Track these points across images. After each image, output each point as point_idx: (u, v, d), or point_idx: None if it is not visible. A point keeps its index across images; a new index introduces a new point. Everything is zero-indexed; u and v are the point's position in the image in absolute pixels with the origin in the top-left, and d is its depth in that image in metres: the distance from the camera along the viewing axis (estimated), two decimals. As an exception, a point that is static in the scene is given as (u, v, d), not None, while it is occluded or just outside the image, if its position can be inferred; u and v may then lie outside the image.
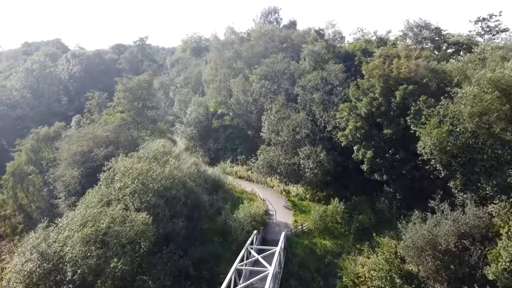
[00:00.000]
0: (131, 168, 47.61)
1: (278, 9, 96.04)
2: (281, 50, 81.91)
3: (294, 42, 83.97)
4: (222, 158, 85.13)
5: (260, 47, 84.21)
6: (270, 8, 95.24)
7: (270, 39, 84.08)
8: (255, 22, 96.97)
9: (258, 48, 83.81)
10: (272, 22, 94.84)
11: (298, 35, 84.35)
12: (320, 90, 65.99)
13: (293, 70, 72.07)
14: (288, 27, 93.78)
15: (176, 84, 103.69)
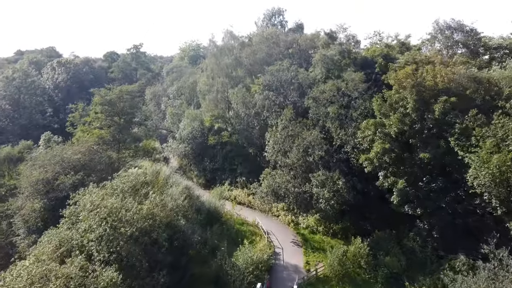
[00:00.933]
0: (99, 206, 36.74)
1: (283, 10, 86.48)
2: (287, 57, 71.59)
3: (302, 47, 73.71)
4: (220, 180, 74.30)
5: (263, 53, 74.03)
6: (274, 9, 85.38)
7: (275, 44, 73.94)
8: (257, 25, 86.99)
9: (260, 54, 73.65)
10: (276, 25, 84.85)
11: (305, 39, 74.11)
12: (335, 103, 55.41)
13: (302, 79, 61.61)
14: (294, 30, 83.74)
15: (168, 95, 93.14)
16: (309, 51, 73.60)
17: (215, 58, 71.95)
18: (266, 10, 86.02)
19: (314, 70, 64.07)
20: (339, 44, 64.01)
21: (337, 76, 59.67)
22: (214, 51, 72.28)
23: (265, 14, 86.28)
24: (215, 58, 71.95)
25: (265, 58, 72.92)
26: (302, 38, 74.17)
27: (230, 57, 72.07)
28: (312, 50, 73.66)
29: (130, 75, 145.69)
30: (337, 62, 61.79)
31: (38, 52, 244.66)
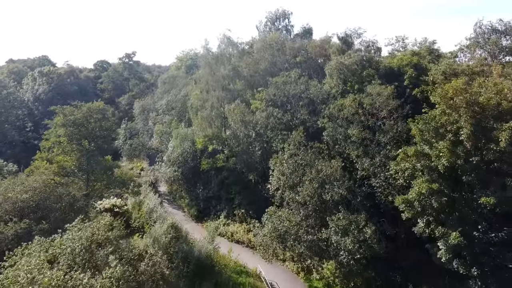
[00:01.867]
0: (33, 283, 25.43)
1: (288, 13, 75.69)
2: (294, 66, 60.66)
3: (311, 55, 62.82)
4: (214, 211, 62.90)
5: (266, 62, 63.20)
6: (278, 12, 74.74)
7: (279, 52, 63.15)
8: (259, 30, 76.41)
9: (263, 64, 62.83)
10: (281, 30, 74.20)
11: (315, 46, 63.22)
12: (357, 124, 44.23)
13: (313, 93, 50.57)
14: (302, 36, 73.00)
15: (157, 110, 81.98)
16: (319, 60, 62.69)
17: (209, 68, 61.11)
18: (269, 12, 75.53)
19: (328, 82, 53.01)
20: (356, 51, 53.04)
21: (358, 89, 48.59)
22: (209, 60, 61.48)
23: (267, 17, 75.64)
24: (209, 68, 61.11)
25: (268, 68, 62.07)
26: (311, 44, 63.29)
27: (227, 67, 61.22)
28: (322, 59, 62.72)
29: (121, 86, 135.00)
30: (357, 72, 50.77)
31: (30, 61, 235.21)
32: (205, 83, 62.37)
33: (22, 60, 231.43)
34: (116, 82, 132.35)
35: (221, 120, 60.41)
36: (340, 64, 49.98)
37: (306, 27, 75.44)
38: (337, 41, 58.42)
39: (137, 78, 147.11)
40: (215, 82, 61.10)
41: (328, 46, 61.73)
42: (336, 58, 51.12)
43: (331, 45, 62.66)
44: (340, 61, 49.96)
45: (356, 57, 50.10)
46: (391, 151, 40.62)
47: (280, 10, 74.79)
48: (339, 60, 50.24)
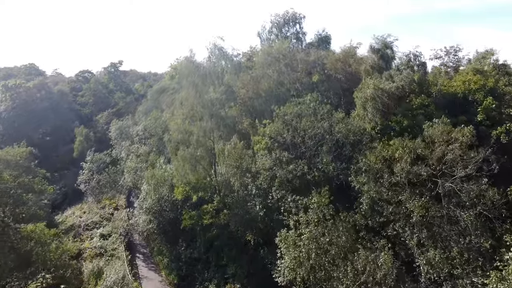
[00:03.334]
0: None
1: (300, 17, 59.03)
2: (308, 87, 44.73)
3: (330, 71, 46.82)
4: (200, 279, 46.48)
5: (270, 80, 47.27)
6: (287, 15, 58.03)
7: (288, 67, 47.18)
8: (262, 37, 59.84)
9: (266, 83, 46.88)
10: (290, 37, 57.91)
11: (336, 60, 47.18)
12: (417, 187, 28.04)
13: (342, 132, 34.39)
14: (317, 45, 56.76)
15: (132, 137, 65.57)
16: (340, 77, 46.63)
17: (195, 88, 45.10)
18: (275, 16, 59.11)
19: (359, 113, 36.92)
20: (398, 69, 37.02)
21: (408, 127, 32.52)
22: (194, 77, 45.54)
23: (273, 22, 58.95)
24: (195, 88, 45.10)
25: (273, 89, 46.11)
26: (331, 58, 47.15)
27: (218, 88, 45.16)
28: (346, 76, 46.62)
29: (105, 99, 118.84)
30: (403, 101, 34.69)
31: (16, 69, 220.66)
32: (189, 108, 46.35)
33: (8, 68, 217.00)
34: (98, 96, 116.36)
35: (209, 159, 44.39)
36: (378, 92, 33.86)
37: (322, 35, 59.04)
38: (369, 53, 42.49)
39: (124, 90, 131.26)
40: (202, 108, 45.06)
41: (354, 60, 45.66)
42: (373, 83, 34.88)
43: (360, 59, 46.64)
44: (379, 87, 33.82)
45: (404, 80, 34.06)
46: (480, 239, 24.42)
47: (290, 13, 58.42)
48: (378, 85, 34.11)
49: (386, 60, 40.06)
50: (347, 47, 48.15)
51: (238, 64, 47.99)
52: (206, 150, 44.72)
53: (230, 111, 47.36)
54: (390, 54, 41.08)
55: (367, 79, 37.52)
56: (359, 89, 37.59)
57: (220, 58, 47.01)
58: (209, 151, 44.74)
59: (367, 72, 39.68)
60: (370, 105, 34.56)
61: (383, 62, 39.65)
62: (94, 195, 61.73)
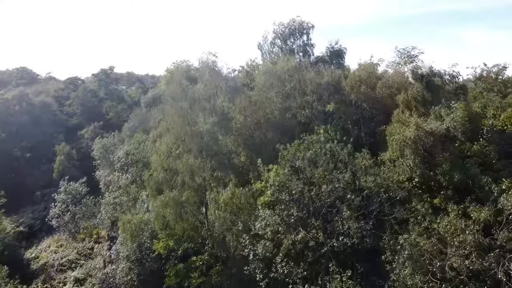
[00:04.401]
0: None
1: (308, 26, 49.81)
2: (321, 117, 36.11)
3: (348, 96, 38.17)
4: None
5: (273, 105, 38.61)
6: (293, 24, 48.65)
7: (295, 90, 38.43)
8: (263, 49, 50.71)
9: (269, 109, 38.20)
10: (296, 50, 48.99)
11: (355, 81, 38.44)
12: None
13: (370, 187, 25.81)
14: (329, 61, 47.82)
15: (114, 163, 56.55)
16: (360, 102, 37.92)
17: (181, 116, 36.34)
18: (279, 25, 49.92)
19: (391, 158, 28.30)
20: (448, 99, 28.40)
21: (460, 182, 23.93)
22: (181, 103, 36.66)
23: (277, 32, 49.54)
24: (181, 116, 36.34)
25: (277, 117, 37.46)
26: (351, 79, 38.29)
27: (210, 116, 36.50)
28: (365, 101, 37.90)
29: (94, 109, 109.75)
30: (449, 143, 26.09)
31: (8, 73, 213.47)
32: (174, 140, 37.79)
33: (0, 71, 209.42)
34: (87, 105, 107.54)
35: (198, 206, 35.77)
36: (423, 133, 25.26)
37: (334, 48, 50.17)
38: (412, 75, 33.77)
39: (115, 97, 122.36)
40: (190, 140, 36.53)
41: (382, 83, 36.88)
42: (416, 122, 26.15)
43: (388, 82, 37.75)
44: (424, 128, 25.20)
45: (456, 120, 25.44)
46: None
47: (297, 22, 49.29)
48: (423, 125, 25.46)
49: (433, 89, 31.34)
50: (367, 63, 39.42)
51: (233, 86, 39.17)
52: (195, 192, 36.07)
53: (224, 139, 38.60)
54: (438, 82, 32.35)
55: (406, 115, 28.87)
56: (393, 126, 28.96)
57: (212, 78, 38.25)
58: (198, 194, 36.13)
59: (407, 104, 30.91)
60: (411, 152, 25.91)
61: (429, 92, 30.88)
62: (68, 230, 53.16)
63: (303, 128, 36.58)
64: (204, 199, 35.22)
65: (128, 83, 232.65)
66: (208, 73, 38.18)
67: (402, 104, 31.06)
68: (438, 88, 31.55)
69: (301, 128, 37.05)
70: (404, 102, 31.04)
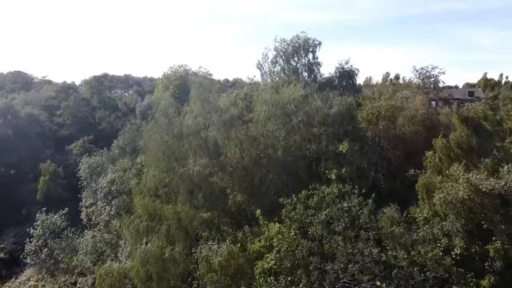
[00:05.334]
0: None
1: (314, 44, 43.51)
2: (332, 156, 30.39)
3: (363, 131, 32.46)
4: None
5: (276, 141, 32.87)
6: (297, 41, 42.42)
7: (302, 123, 32.63)
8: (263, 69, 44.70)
9: (270, 145, 32.46)
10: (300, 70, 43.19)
11: (372, 113, 32.70)
12: None
13: (402, 265, 20.18)
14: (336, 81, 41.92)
15: (97, 193, 50.62)
16: (379, 139, 32.23)
17: (167, 156, 30.45)
18: (281, 42, 44.03)
19: (428, 218, 22.69)
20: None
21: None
22: (158, 140, 30.78)
23: (278, 50, 43.35)
24: (167, 156, 30.45)
25: (281, 155, 31.75)
26: (365, 110, 32.57)
27: (201, 152, 30.72)
28: (385, 137, 32.23)
29: (86, 119, 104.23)
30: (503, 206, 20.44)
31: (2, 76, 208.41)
32: (160, 179, 32.15)
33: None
34: (78, 115, 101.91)
35: (186, 263, 30.14)
36: (475, 193, 19.67)
37: (344, 68, 44.12)
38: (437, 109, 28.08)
39: (109, 106, 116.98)
40: (179, 179, 30.93)
41: (405, 119, 31.17)
42: (467, 179, 20.51)
43: (416, 116, 32.04)
44: (479, 187, 19.65)
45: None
46: None
47: (302, 39, 43.39)
48: (477, 184, 19.89)
49: (480, 135, 25.48)
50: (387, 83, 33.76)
51: (230, 117, 33.43)
52: (183, 244, 30.48)
53: (217, 177, 32.92)
54: (492, 119, 26.41)
55: (444, 163, 23.19)
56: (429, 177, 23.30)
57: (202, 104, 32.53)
58: (187, 246, 30.57)
59: (446, 151, 25.04)
60: (455, 213, 20.29)
61: (476, 137, 25.00)
62: (46, 268, 47.54)
63: (310, 169, 30.97)
64: (194, 255, 29.65)
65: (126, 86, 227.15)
66: (200, 103, 32.45)
67: (440, 151, 25.31)
68: (489, 134, 25.84)
69: (308, 169, 31.43)
70: (443, 148, 25.31)
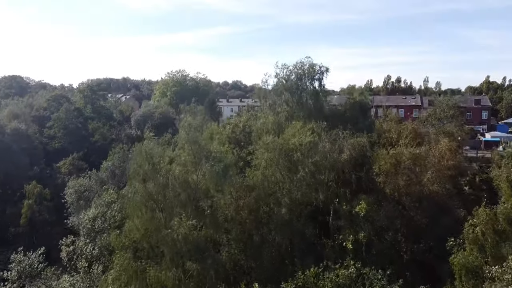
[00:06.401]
0: None
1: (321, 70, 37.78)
2: (346, 215, 25.54)
3: (383, 187, 27.50)
4: None
5: (279, 192, 27.89)
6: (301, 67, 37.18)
7: (310, 174, 27.52)
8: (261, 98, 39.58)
9: (272, 198, 27.46)
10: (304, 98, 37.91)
11: (392, 162, 27.70)
12: None
13: None
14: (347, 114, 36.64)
15: (79, 229, 45.33)
16: (400, 196, 27.20)
17: (150, 210, 25.57)
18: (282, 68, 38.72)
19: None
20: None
21: None
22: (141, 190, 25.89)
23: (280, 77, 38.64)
24: (150, 210, 25.57)
25: (284, 213, 26.84)
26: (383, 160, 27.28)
27: (189, 209, 25.81)
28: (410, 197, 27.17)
29: (77, 131, 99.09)
30: None
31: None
32: (141, 235, 27.31)
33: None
34: (69, 127, 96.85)
35: None
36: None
37: (357, 99, 39.04)
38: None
39: (103, 116, 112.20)
40: (162, 241, 26.15)
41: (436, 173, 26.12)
42: None
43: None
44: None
45: None
46: None
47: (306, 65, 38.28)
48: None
49: None
50: (408, 135, 28.43)
51: (224, 166, 28.37)
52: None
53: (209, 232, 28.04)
54: None
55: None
56: (470, 254, 18.40)
57: (195, 153, 27.69)
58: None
59: (494, 224, 19.92)
60: None
61: None
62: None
63: (319, 225, 26.16)
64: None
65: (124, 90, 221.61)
66: (189, 147, 27.58)
67: (484, 225, 20.20)
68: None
69: (316, 225, 26.60)
70: (487, 222, 20.18)
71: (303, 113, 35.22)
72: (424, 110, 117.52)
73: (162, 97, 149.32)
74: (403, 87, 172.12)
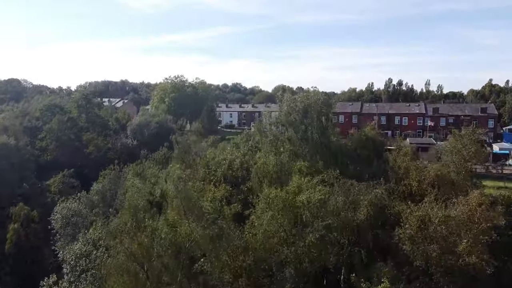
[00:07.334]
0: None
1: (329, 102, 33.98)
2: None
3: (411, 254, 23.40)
4: None
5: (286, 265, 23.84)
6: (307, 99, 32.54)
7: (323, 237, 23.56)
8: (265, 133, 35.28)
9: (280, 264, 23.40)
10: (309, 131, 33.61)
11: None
12: None
13: None
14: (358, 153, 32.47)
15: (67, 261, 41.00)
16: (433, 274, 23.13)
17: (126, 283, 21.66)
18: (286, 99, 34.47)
19: None
20: None
21: None
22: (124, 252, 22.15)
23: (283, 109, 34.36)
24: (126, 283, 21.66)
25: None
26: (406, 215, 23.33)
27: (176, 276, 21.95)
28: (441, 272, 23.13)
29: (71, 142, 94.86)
30: None
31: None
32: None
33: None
34: (62, 139, 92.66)
35: None
36: None
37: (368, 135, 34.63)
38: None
39: (98, 125, 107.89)
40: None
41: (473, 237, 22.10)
42: None
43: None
44: None
45: None
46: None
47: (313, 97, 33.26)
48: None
49: None
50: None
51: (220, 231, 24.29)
52: None
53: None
54: None
55: None
56: None
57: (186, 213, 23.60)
58: None
59: None
60: None
61: None
62: None
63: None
64: None
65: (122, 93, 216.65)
66: (180, 203, 23.59)
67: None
68: None
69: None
70: None
71: (309, 149, 31.06)
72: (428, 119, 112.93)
73: (160, 103, 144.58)
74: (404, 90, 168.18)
